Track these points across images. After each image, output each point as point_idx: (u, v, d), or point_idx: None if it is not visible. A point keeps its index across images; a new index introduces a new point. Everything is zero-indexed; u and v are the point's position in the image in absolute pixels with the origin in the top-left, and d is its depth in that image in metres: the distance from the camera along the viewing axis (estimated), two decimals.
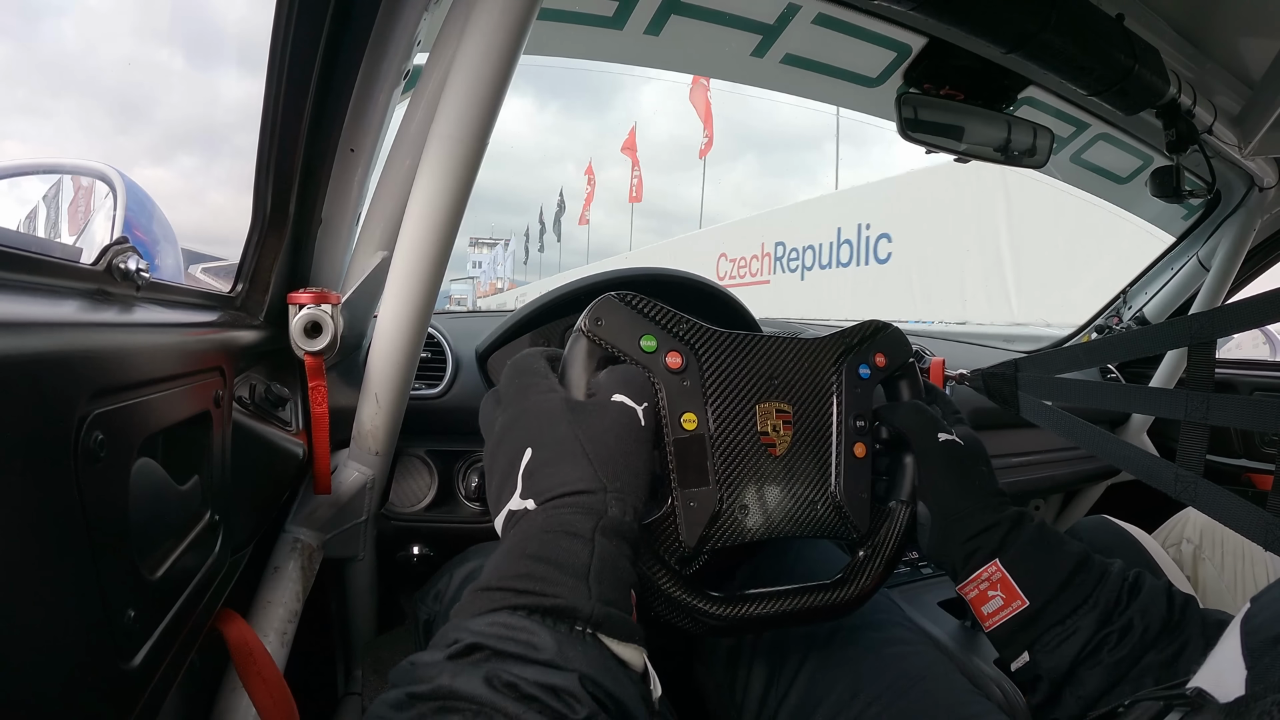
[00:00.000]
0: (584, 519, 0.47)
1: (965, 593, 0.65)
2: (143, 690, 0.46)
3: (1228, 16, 1.11)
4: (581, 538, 0.46)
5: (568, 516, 0.48)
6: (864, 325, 0.72)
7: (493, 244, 46.50)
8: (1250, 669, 0.39)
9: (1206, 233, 1.64)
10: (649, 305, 0.62)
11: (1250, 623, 0.42)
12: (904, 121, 1.14)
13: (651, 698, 0.45)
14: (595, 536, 0.47)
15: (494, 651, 0.38)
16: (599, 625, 0.43)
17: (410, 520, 1.04)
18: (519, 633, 0.40)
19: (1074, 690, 0.57)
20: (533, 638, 0.39)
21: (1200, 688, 0.40)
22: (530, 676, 0.37)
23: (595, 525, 0.47)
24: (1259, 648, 0.40)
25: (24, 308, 0.40)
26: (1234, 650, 0.41)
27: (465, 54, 0.68)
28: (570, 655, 0.39)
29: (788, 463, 0.64)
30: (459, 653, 0.39)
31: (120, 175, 1.32)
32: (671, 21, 1.10)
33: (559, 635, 0.40)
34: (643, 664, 0.45)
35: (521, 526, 0.48)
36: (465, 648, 0.39)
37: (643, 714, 0.42)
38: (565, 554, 0.45)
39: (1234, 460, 1.76)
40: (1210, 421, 0.78)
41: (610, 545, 0.47)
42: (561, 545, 0.46)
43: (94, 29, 22.80)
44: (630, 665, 0.44)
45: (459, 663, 0.38)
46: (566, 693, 0.37)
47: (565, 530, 0.47)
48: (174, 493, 0.54)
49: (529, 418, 0.55)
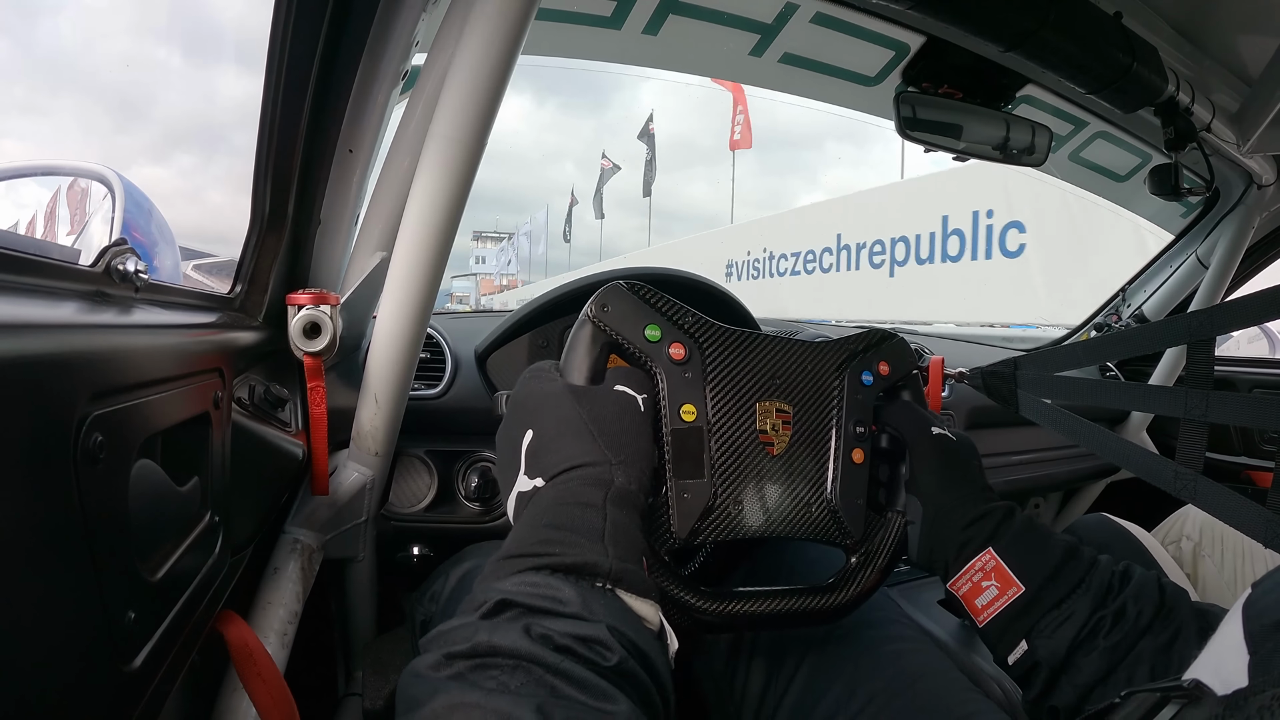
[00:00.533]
0: (594, 490, 0.49)
1: (958, 588, 0.64)
2: (143, 692, 0.46)
3: (1226, 14, 1.11)
4: (593, 507, 0.48)
5: (577, 488, 0.49)
6: (870, 333, 0.72)
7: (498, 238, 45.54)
8: (1253, 654, 0.39)
9: (1205, 230, 1.64)
10: (655, 296, 0.62)
11: (1252, 608, 0.42)
12: (902, 120, 1.14)
13: (668, 652, 0.46)
14: (606, 505, 0.48)
15: (525, 608, 0.39)
16: (618, 580, 0.44)
17: (410, 521, 1.05)
18: (545, 589, 0.41)
19: (1071, 678, 0.57)
20: (558, 593, 0.40)
21: (1197, 679, 0.40)
22: (561, 629, 0.38)
23: (605, 495, 0.49)
24: (1261, 633, 0.40)
25: (23, 309, 0.40)
26: (1235, 636, 0.41)
27: (463, 54, 0.68)
28: (595, 608, 0.40)
29: (785, 462, 0.64)
30: (490, 611, 0.39)
31: (118, 177, 1.32)
32: (670, 21, 1.10)
33: (582, 589, 0.41)
34: (658, 620, 0.46)
35: (534, 503, 0.50)
36: (496, 605, 0.39)
37: (664, 664, 0.43)
38: (580, 520, 0.47)
39: (1234, 457, 1.76)
40: (1210, 419, 0.78)
41: (621, 513, 0.48)
42: (575, 514, 0.47)
43: (93, 29, 22.67)
44: (647, 621, 0.45)
45: (493, 620, 0.39)
46: (597, 642, 0.38)
47: (577, 501, 0.48)
48: (173, 494, 0.54)
49: (531, 401, 0.57)
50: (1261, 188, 1.49)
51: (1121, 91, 1.06)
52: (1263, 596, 0.42)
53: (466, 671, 0.36)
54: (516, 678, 0.35)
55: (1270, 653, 0.38)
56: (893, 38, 1.13)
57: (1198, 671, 0.42)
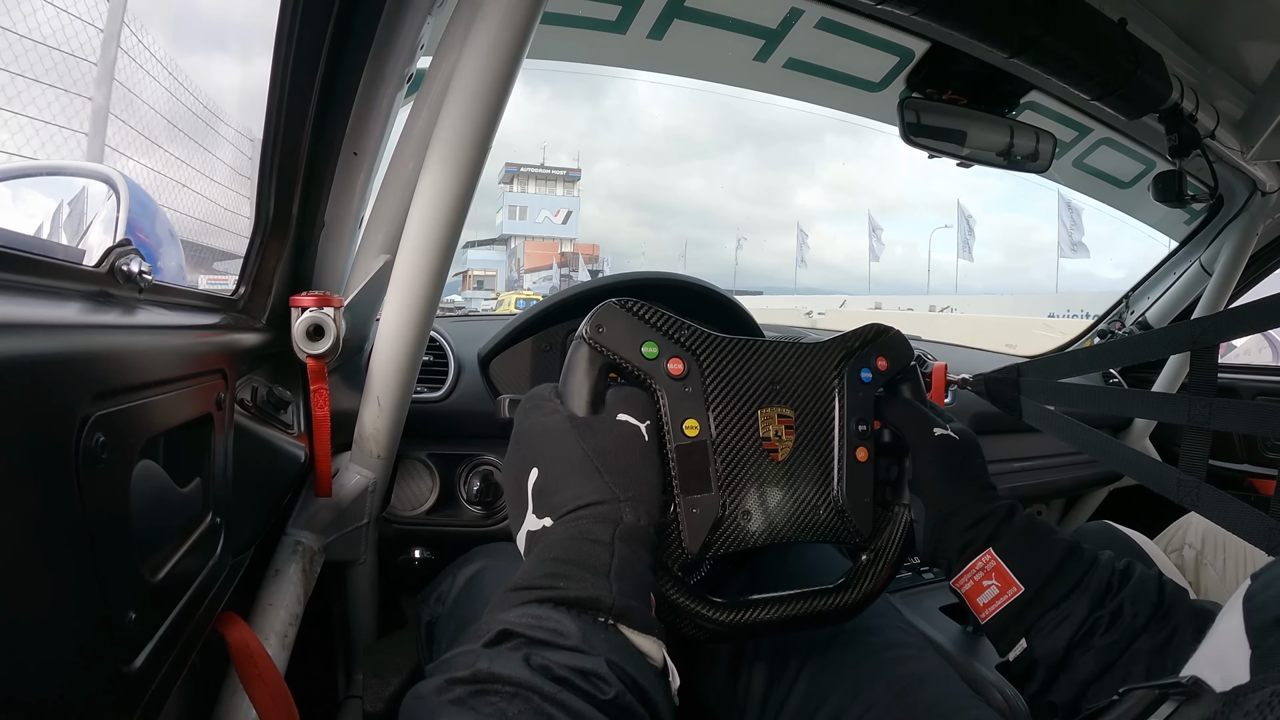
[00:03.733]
0: (602, 527, 0.49)
1: (960, 586, 0.65)
2: (143, 692, 0.46)
3: (1230, 21, 1.11)
4: (601, 543, 0.48)
5: (586, 525, 0.49)
6: (865, 329, 0.72)
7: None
8: (1254, 648, 0.38)
9: (1209, 237, 1.64)
10: (650, 311, 0.61)
11: (1252, 600, 0.41)
12: (906, 126, 1.14)
13: (671, 689, 0.46)
14: (614, 541, 0.48)
15: (526, 639, 0.40)
16: (620, 616, 0.44)
17: (411, 523, 1.04)
18: (547, 621, 0.41)
19: (1068, 675, 0.58)
20: (559, 625, 0.41)
21: (1196, 676, 0.40)
22: (560, 660, 0.39)
23: (613, 532, 0.49)
24: (1263, 626, 0.39)
25: (27, 309, 0.40)
26: (1236, 629, 0.40)
27: (468, 58, 0.68)
28: (595, 642, 0.41)
29: (790, 467, 0.64)
30: (493, 640, 0.40)
31: (123, 177, 1.32)
32: (674, 26, 1.10)
33: (583, 624, 0.42)
34: (662, 657, 0.46)
35: (543, 540, 0.50)
36: (498, 635, 0.40)
37: (664, 701, 0.43)
38: (587, 556, 0.47)
39: (1237, 465, 1.76)
40: (1213, 426, 0.78)
41: (629, 550, 0.48)
42: (583, 549, 0.47)
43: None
44: (650, 657, 0.45)
45: (495, 649, 0.40)
46: (595, 675, 0.39)
47: (585, 537, 0.48)
48: (175, 495, 0.54)
49: (532, 437, 0.56)
50: (1265, 195, 1.49)
51: (1125, 98, 1.06)
52: (1263, 590, 0.42)
53: (467, 697, 0.36)
54: (515, 705, 0.36)
55: (1271, 648, 0.38)
56: (897, 44, 1.13)
57: (1196, 667, 0.41)
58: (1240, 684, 0.35)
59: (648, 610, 0.47)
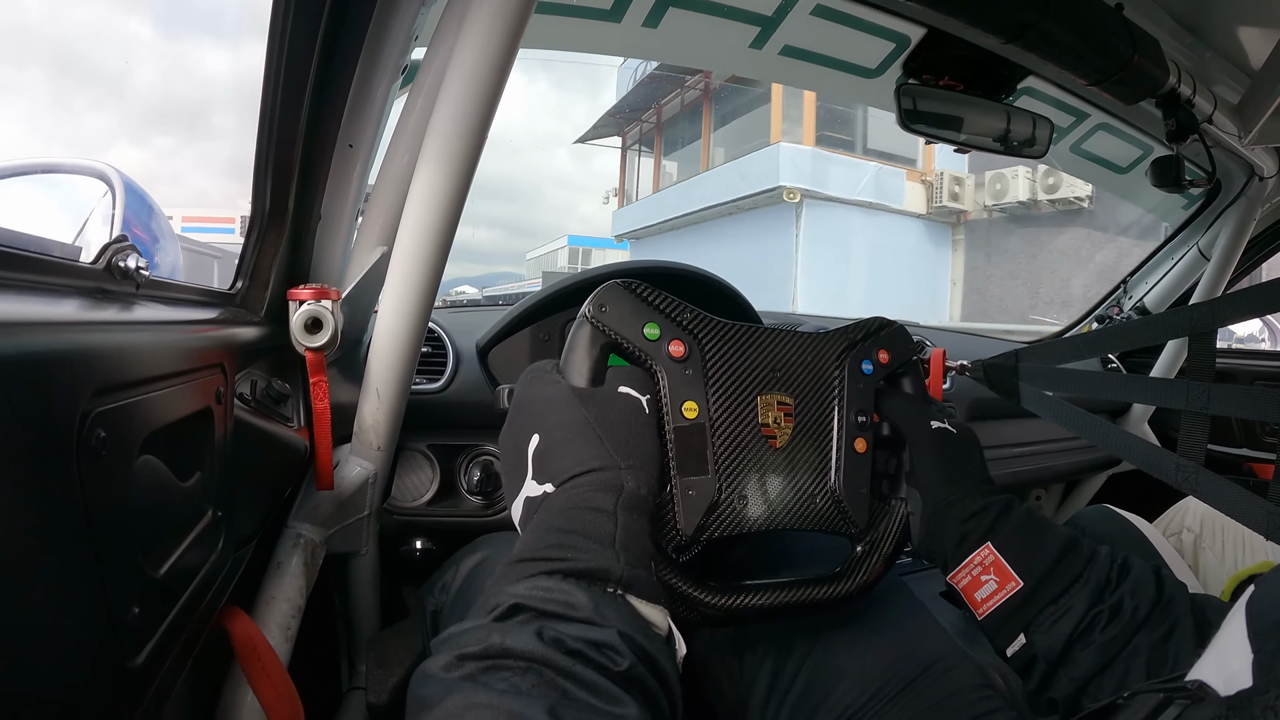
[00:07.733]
0: (605, 495, 0.49)
1: (957, 581, 0.65)
2: (147, 687, 0.46)
3: (1227, 5, 1.11)
4: (605, 512, 0.48)
5: (588, 493, 0.49)
6: (868, 321, 0.72)
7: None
8: (1256, 653, 0.39)
9: (1207, 222, 1.64)
10: (653, 293, 0.62)
11: (1256, 606, 0.42)
12: (903, 113, 1.14)
13: (676, 657, 0.46)
14: (617, 510, 0.48)
15: (537, 612, 0.40)
16: (629, 586, 0.44)
17: (413, 514, 1.05)
18: (557, 593, 0.41)
19: (1068, 671, 0.58)
20: (570, 598, 0.41)
21: (1200, 680, 0.40)
22: (573, 633, 0.38)
23: (616, 500, 0.49)
24: (1265, 631, 0.39)
25: (25, 307, 0.40)
26: (1239, 634, 0.41)
27: (463, 48, 0.68)
28: (606, 614, 0.41)
29: (788, 455, 0.64)
30: (503, 614, 0.40)
31: (119, 174, 1.32)
32: (670, 14, 1.09)
33: (594, 595, 0.42)
34: (667, 626, 0.46)
35: (545, 508, 0.50)
36: (509, 608, 0.40)
37: (672, 670, 0.44)
38: (592, 525, 0.47)
39: (1235, 450, 1.76)
40: (1211, 411, 0.78)
41: (632, 518, 0.49)
42: (587, 519, 0.47)
43: (98, 24, 22.49)
44: (656, 626, 0.45)
45: (506, 623, 0.39)
46: (608, 647, 0.39)
47: (589, 506, 0.48)
48: (176, 490, 0.54)
49: (534, 404, 0.56)
50: (1263, 180, 1.48)
51: (1123, 83, 1.05)
52: (1266, 595, 0.42)
53: (479, 673, 0.36)
54: (528, 680, 0.35)
55: (1273, 653, 0.38)
56: (893, 30, 1.12)
57: (1201, 671, 0.42)
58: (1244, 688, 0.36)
59: (652, 578, 0.47)
